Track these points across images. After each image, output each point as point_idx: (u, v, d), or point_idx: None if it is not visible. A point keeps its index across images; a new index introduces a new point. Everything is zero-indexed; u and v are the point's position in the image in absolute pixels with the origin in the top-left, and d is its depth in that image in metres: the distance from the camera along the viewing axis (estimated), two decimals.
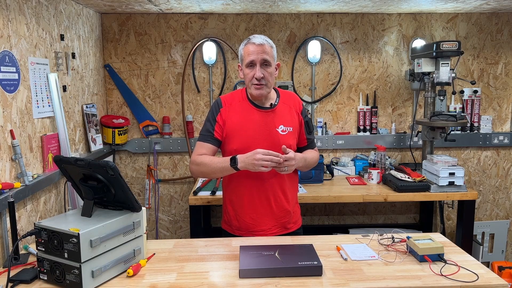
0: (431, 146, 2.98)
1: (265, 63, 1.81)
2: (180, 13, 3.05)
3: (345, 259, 1.60)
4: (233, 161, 1.76)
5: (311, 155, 1.97)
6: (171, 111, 3.18)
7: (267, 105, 1.91)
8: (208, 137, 1.89)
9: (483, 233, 3.33)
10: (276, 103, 1.91)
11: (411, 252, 1.62)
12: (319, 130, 3.23)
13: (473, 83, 2.91)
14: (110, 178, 1.44)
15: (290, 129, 1.90)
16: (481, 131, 3.26)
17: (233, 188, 1.93)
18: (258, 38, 1.82)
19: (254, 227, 1.91)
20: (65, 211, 2.25)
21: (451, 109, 3.24)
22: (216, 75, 3.17)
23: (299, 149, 1.99)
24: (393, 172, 2.84)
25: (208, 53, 3.10)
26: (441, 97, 2.85)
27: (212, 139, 1.89)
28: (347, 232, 3.02)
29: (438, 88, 2.88)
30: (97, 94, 2.93)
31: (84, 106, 2.65)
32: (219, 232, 2.04)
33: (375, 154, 3.06)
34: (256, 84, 1.82)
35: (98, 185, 1.47)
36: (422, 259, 1.56)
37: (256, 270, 1.45)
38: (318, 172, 2.90)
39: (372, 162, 3.07)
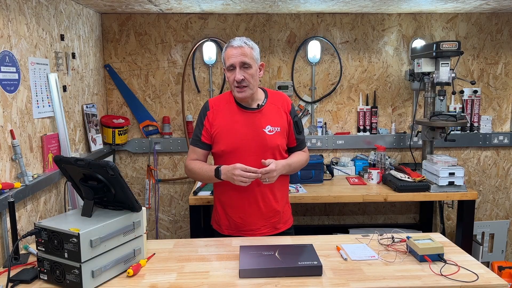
0: (431, 146, 2.98)
1: (244, 66, 1.81)
2: (180, 13, 3.05)
3: (345, 259, 1.60)
4: (217, 172, 1.83)
5: (297, 158, 1.98)
6: (171, 111, 3.18)
7: (254, 106, 1.92)
8: (197, 142, 1.95)
9: (483, 233, 3.33)
10: (263, 104, 1.92)
11: (411, 252, 1.62)
12: (319, 130, 3.23)
13: (473, 83, 2.91)
14: (110, 178, 1.44)
15: (277, 129, 1.91)
16: (481, 131, 3.26)
17: (222, 189, 1.95)
18: (237, 41, 1.83)
19: (243, 226, 1.94)
20: (65, 211, 2.25)
21: (451, 109, 3.24)
22: (216, 75, 3.17)
23: (289, 149, 2.01)
24: (393, 172, 2.84)
25: (208, 53, 3.10)
26: (441, 97, 2.85)
27: (201, 143, 1.94)
28: (347, 232, 3.02)
29: (438, 88, 2.88)
30: (97, 94, 2.93)
31: (84, 106, 2.65)
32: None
33: (375, 154, 3.06)
34: (237, 87, 1.83)
35: (98, 185, 1.47)
36: (422, 259, 1.56)
37: (256, 270, 1.46)
38: (318, 172, 2.90)
39: (372, 162, 3.07)
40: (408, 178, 2.73)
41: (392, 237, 1.79)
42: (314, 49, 3.13)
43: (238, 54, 1.80)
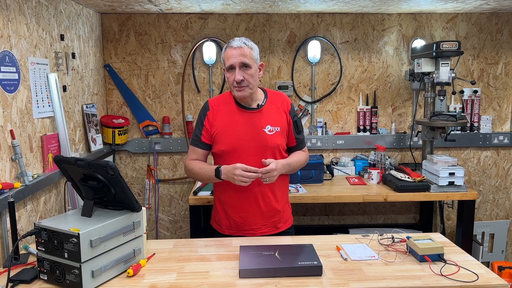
0: (431, 146, 2.98)
1: (244, 66, 1.82)
2: (180, 13, 3.05)
3: (345, 259, 1.60)
4: (217, 172, 1.84)
5: (297, 158, 1.99)
6: (171, 111, 3.18)
7: (254, 106, 1.92)
8: (197, 142, 1.95)
9: (483, 233, 3.33)
10: (263, 104, 1.92)
11: (411, 252, 1.62)
12: (319, 130, 3.23)
13: (473, 83, 2.91)
14: (110, 178, 1.44)
15: (277, 129, 1.91)
16: (481, 131, 3.26)
17: (222, 188, 1.96)
18: (236, 41, 1.83)
19: (243, 226, 1.94)
20: (65, 211, 2.25)
21: (451, 109, 3.24)
22: (216, 75, 3.17)
23: (289, 149, 2.01)
24: (393, 172, 2.84)
25: (208, 53, 3.10)
26: (441, 97, 2.85)
27: (201, 143, 1.94)
28: (347, 232, 3.02)
29: (438, 88, 2.88)
30: (97, 94, 2.93)
31: (84, 106, 2.65)
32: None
33: (375, 154, 3.06)
34: (237, 87, 1.84)
35: (98, 185, 1.47)
36: (422, 259, 1.56)
37: (256, 270, 1.46)
38: (318, 172, 2.90)
39: (372, 162, 3.06)
40: (408, 178, 2.73)
41: (392, 237, 1.79)
42: (314, 49, 3.13)
43: (238, 54, 1.81)
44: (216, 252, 1.69)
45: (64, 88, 2.36)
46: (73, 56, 2.49)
